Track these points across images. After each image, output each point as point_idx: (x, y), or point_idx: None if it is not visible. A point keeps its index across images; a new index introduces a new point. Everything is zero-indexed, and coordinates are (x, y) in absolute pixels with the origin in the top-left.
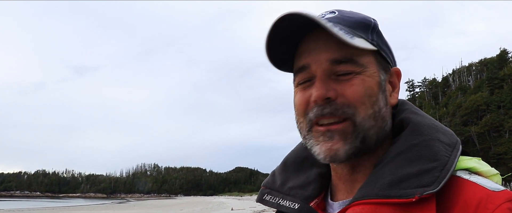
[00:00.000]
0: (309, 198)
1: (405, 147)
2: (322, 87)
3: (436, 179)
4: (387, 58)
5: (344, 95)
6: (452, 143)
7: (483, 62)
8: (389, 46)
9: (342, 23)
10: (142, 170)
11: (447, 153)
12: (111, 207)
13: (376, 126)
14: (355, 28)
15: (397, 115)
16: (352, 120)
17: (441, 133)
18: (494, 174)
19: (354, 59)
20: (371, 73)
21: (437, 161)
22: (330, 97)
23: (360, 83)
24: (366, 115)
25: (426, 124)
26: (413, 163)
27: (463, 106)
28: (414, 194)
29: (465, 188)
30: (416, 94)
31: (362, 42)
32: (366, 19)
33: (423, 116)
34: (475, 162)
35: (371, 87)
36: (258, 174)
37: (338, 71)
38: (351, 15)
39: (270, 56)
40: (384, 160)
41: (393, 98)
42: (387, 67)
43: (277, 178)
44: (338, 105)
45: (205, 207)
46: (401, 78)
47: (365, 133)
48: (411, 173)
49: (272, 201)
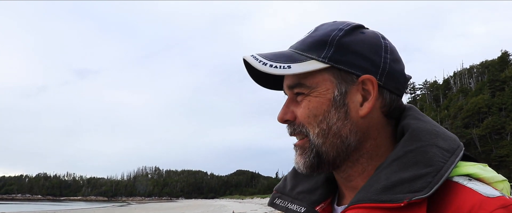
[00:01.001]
0: (316, 203)
1: (401, 153)
2: (281, 112)
3: (428, 184)
4: (350, 70)
5: (297, 116)
6: (452, 148)
7: (485, 65)
8: (362, 53)
9: (299, 47)
10: (143, 173)
11: (444, 158)
12: (112, 210)
13: (328, 142)
14: (309, 50)
15: (401, 121)
16: (308, 137)
17: (440, 139)
18: (499, 181)
19: (302, 82)
20: (321, 92)
21: (432, 167)
22: (288, 119)
23: (305, 105)
24: (314, 133)
25: (425, 130)
26: (407, 169)
27: (464, 108)
28: (404, 199)
29: (460, 194)
30: (417, 96)
31: (302, 67)
32: (327, 35)
33: (425, 121)
34: (478, 168)
35: (317, 108)
36: (259, 177)
37: (296, 94)
38: (317, 33)
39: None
40: (382, 165)
41: (364, 109)
42: (350, 79)
43: (288, 182)
44: (296, 125)
45: (206, 210)
46: (376, 85)
47: (317, 149)
48: (404, 178)
49: (282, 205)
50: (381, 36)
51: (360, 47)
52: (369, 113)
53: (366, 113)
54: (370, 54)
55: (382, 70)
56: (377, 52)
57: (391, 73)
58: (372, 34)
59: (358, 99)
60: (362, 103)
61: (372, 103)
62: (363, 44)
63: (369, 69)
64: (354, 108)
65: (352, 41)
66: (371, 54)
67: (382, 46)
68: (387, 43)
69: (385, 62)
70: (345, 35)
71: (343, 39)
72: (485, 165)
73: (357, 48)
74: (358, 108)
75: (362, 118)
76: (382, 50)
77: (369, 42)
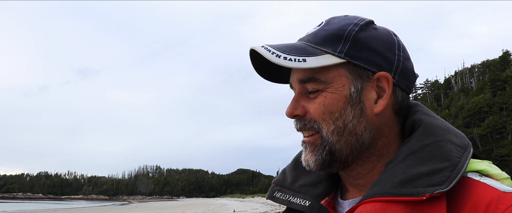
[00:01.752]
0: (320, 196)
1: (417, 147)
2: (291, 106)
3: (447, 178)
4: (366, 66)
5: (310, 111)
6: (464, 145)
7: (486, 64)
8: (377, 50)
9: (311, 40)
10: (144, 171)
11: (459, 154)
12: (113, 209)
13: (342, 140)
14: (323, 43)
15: (409, 116)
16: (320, 134)
17: (453, 135)
18: (505, 178)
19: (316, 77)
20: (337, 88)
21: (449, 161)
22: (298, 114)
23: (321, 101)
24: (328, 130)
25: (438, 125)
26: (425, 163)
27: (465, 108)
28: (425, 193)
29: (476, 188)
30: (418, 96)
31: (317, 61)
32: (342, 29)
33: (435, 117)
34: (486, 165)
35: (333, 104)
36: (260, 176)
37: (308, 89)
38: (330, 26)
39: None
40: (396, 159)
41: (379, 106)
42: (366, 75)
43: (288, 175)
44: (306, 120)
45: (207, 209)
46: (391, 83)
47: (331, 146)
48: (422, 172)
49: (283, 198)
50: (393, 33)
51: (375, 43)
52: (383, 110)
53: (380, 110)
54: (385, 51)
55: (396, 68)
56: (391, 49)
57: (403, 71)
58: (385, 31)
59: (373, 97)
60: (377, 100)
61: (387, 100)
62: (378, 41)
63: (384, 66)
64: (369, 105)
65: (368, 37)
66: (385, 51)
67: (396, 43)
68: (399, 41)
69: (398, 60)
70: (360, 30)
71: (359, 35)
72: (490, 162)
73: (372, 45)
74: (373, 105)
75: (376, 116)
76: (396, 47)
77: (383, 39)
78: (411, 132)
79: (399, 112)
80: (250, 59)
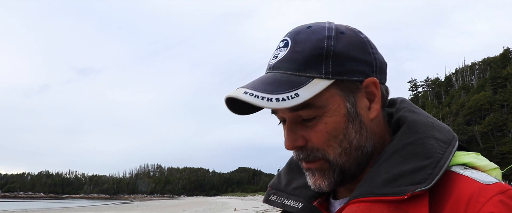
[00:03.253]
0: (313, 197)
1: (400, 146)
2: (290, 138)
3: (429, 176)
4: (354, 78)
5: (311, 141)
6: (448, 139)
7: (487, 61)
8: (356, 57)
9: (289, 67)
10: (145, 170)
11: (442, 150)
12: (114, 208)
13: (351, 158)
14: (304, 68)
15: (395, 114)
16: (325, 159)
17: (436, 130)
18: (492, 168)
19: (310, 104)
20: (334, 109)
21: (431, 159)
22: (299, 145)
23: (323, 129)
24: (336, 154)
25: (421, 122)
26: (407, 161)
27: (466, 105)
28: (407, 192)
29: (458, 182)
30: (419, 94)
31: (309, 90)
32: (318, 47)
33: (419, 113)
34: (472, 157)
35: (335, 128)
36: (261, 174)
37: (302, 116)
38: (302, 46)
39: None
40: (380, 159)
41: (373, 111)
42: (355, 87)
43: (282, 178)
44: (309, 150)
45: (208, 208)
46: (379, 86)
47: (340, 167)
48: (405, 171)
49: (278, 201)
50: (358, 31)
51: (352, 51)
52: (378, 113)
53: (375, 115)
54: (362, 55)
55: (375, 67)
56: (366, 50)
57: (380, 67)
58: (352, 33)
59: (365, 104)
60: (370, 106)
61: (379, 104)
62: (353, 47)
63: (366, 71)
64: (365, 114)
65: (344, 47)
66: (362, 54)
67: (366, 42)
68: (366, 37)
69: (375, 59)
70: (336, 43)
71: (337, 48)
72: (478, 154)
73: (351, 53)
74: (367, 113)
75: (371, 121)
76: (368, 46)
77: (355, 42)
78: (397, 130)
79: (384, 105)
80: (226, 104)
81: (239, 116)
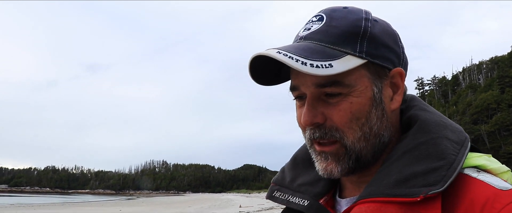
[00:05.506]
0: (319, 195)
1: (412, 145)
2: (309, 113)
3: (442, 178)
4: (384, 64)
5: (332, 119)
6: (461, 140)
7: (494, 60)
8: (389, 45)
9: (324, 39)
10: (151, 167)
11: (455, 151)
12: (119, 204)
13: (369, 145)
14: (340, 42)
15: (406, 112)
16: (341, 143)
17: (449, 130)
18: (504, 171)
19: (339, 81)
20: (361, 90)
21: (444, 160)
22: (318, 122)
23: (347, 108)
24: (355, 138)
25: (434, 121)
26: (420, 162)
27: (473, 104)
28: (420, 193)
29: (472, 186)
30: (426, 92)
31: (343, 64)
32: (355, 25)
33: (431, 112)
34: (485, 159)
35: (360, 109)
36: (266, 172)
37: (326, 92)
38: (339, 22)
39: (258, 79)
40: (391, 157)
41: (395, 102)
42: (384, 73)
43: (286, 174)
44: (327, 129)
45: (213, 204)
46: (405, 78)
47: (357, 153)
48: (417, 172)
49: (282, 197)
50: (390, 23)
51: (386, 38)
52: (399, 106)
53: (397, 106)
54: (394, 45)
55: (402, 61)
56: (396, 41)
57: (405, 62)
58: (385, 23)
59: (389, 94)
60: (392, 97)
61: (402, 96)
62: (387, 35)
63: (395, 61)
64: (387, 103)
65: (380, 32)
66: (394, 45)
67: (397, 34)
68: (396, 31)
69: (403, 52)
70: (373, 26)
71: (374, 31)
72: (490, 155)
73: (385, 40)
74: (390, 103)
75: (392, 112)
76: (398, 38)
77: (389, 32)
78: (408, 128)
79: (403, 102)
80: (250, 66)
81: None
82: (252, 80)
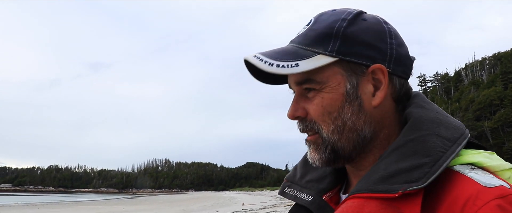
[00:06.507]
0: (324, 191)
1: (401, 142)
2: (292, 108)
3: (425, 174)
4: (360, 61)
5: (309, 113)
6: (454, 137)
7: (497, 56)
8: (369, 42)
9: (302, 42)
10: (154, 165)
11: (444, 148)
12: (122, 202)
13: (343, 138)
14: (313, 44)
15: (406, 109)
16: (320, 134)
17: (443, 127)
18: (506, 169)
19: (311, 78)
20: (333, 87)
21: (430, 157)
22: (299, 116)
23: (319, 102)
24: (328, 130)
25: (428, 118)
26: (406, 159)
27: (476, 101)
28: (398, 190)
29: (458, 183)
30: (428, 89)
31: (310, 63)
32: (330, 26)
33: (428, 109)
34: (483, 157)
35: (331, 104)
36: (269, 169)
37: (305, 88)
38: (319, 25)
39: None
40: (383, 155)
41: (377, 98)
42: (360, 70)
43: (298, 171)
44: (307, 122)
45: (216, 202)
46: (386, 74)
47: (332, 145)
48: (402, 169)
49: (291, 193)
50: (383, 21)
51: (365, 36)
52: (381, 102)
53: (379, 102)
54: (376, 42)
55: (390, 57)
56: (383, 39)
57: (398, 58)
58: (375, 21)
59: (369, 90)
60: (374, 93)
61: (384, 92)
62: (368, 33)
63: (377, 58)
64: (367, 99)
65: (357, 31)
66: (377, 42)
67: (386, 32)
68: (390, 28)
69: (391, 49)
70: (349, 25)
71: (348, 30)
72: (493, 153)
73: (363, 38)
74: (371, 99)
75: (375, 108)
76: (387, 35)
77: (374, 29)
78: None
79: (399, 99)
80: (246, 67)
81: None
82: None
